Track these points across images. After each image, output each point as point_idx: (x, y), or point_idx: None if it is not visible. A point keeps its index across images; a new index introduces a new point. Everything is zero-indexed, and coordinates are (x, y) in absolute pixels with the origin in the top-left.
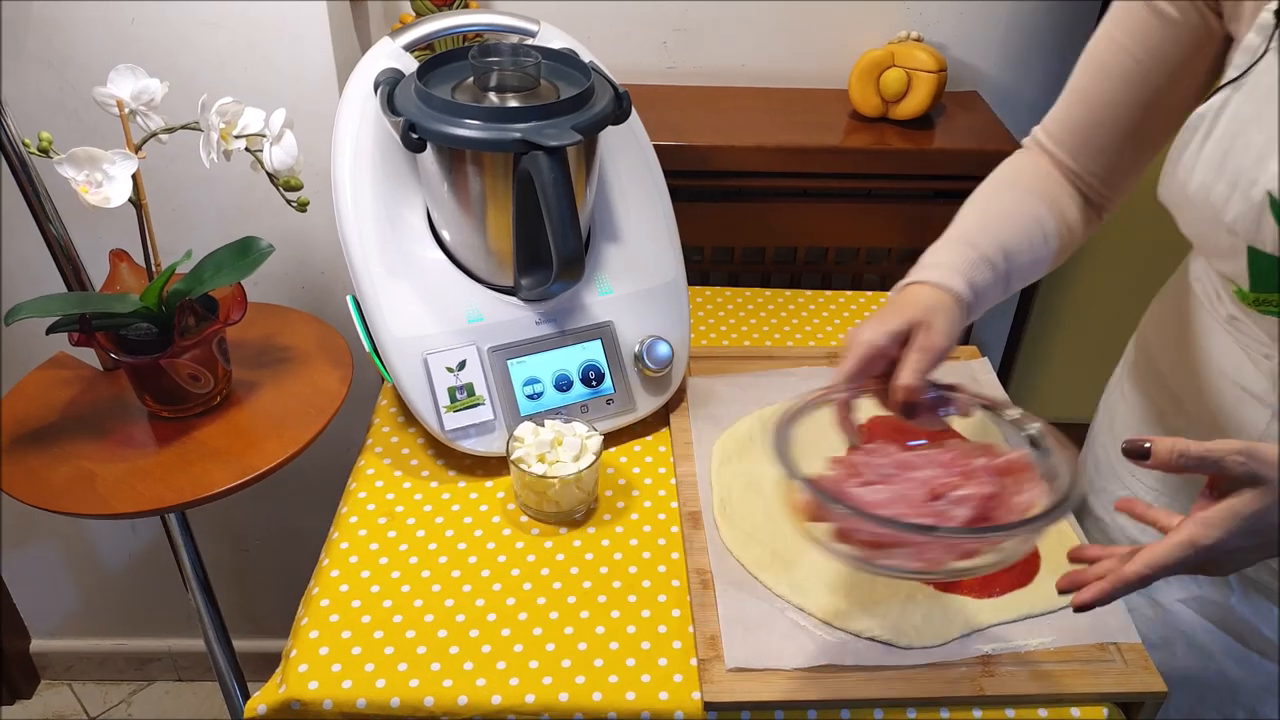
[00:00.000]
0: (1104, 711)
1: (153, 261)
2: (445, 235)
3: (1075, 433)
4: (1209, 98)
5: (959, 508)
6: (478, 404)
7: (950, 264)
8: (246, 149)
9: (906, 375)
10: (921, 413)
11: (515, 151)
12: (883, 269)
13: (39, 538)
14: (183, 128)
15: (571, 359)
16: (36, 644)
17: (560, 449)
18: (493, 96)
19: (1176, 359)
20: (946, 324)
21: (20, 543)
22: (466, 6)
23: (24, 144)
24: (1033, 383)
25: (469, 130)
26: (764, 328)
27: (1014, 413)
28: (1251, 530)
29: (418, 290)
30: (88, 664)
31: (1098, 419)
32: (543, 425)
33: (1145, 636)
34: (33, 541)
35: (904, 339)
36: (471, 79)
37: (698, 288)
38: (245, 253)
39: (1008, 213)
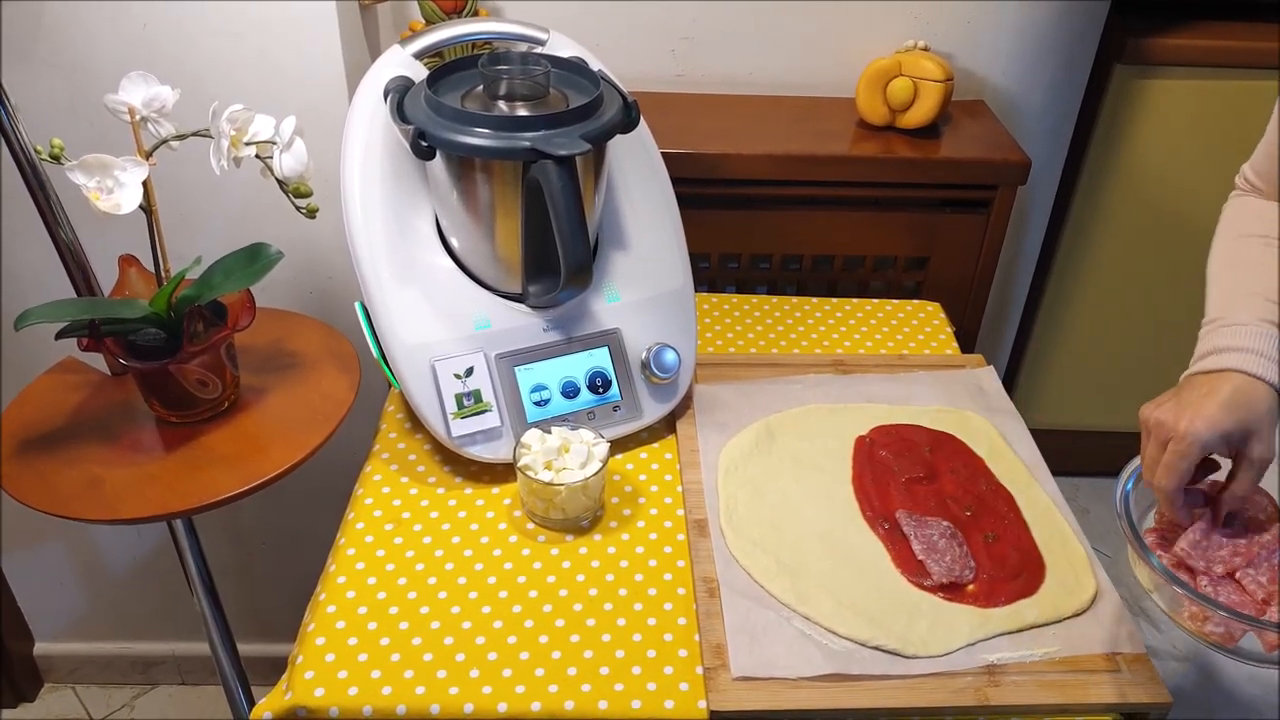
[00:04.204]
0: None
1: (162, 267)
2: (454, 242)
3: (1080, 439)
4: None
5: None
6: (485, 410)
7: (1272, 354)
8: (256, 156)
9: (1241, 491)
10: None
11: (524, 160)
12: (889, 277)
13: (43, 540)
14: (193, 135)
15: (579, 366)
16: (40, 646)
17: (567, 456)
18: (502, 105)
19: None
20: (1276, 433)
21: (24, 545)
22: (476, 15)
23: (35, 150)
24: (1036, 391)
25: (478, 139)
26: (770, 335)
27: None
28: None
29: (426, 297)
30: (91, 667)
31: None
32: (550, 432)
33: (1152, 649)
34: (37, 544)
35: (1236, 440)
36: (481, 87)
37: (705, 295)
38: (254, 259)
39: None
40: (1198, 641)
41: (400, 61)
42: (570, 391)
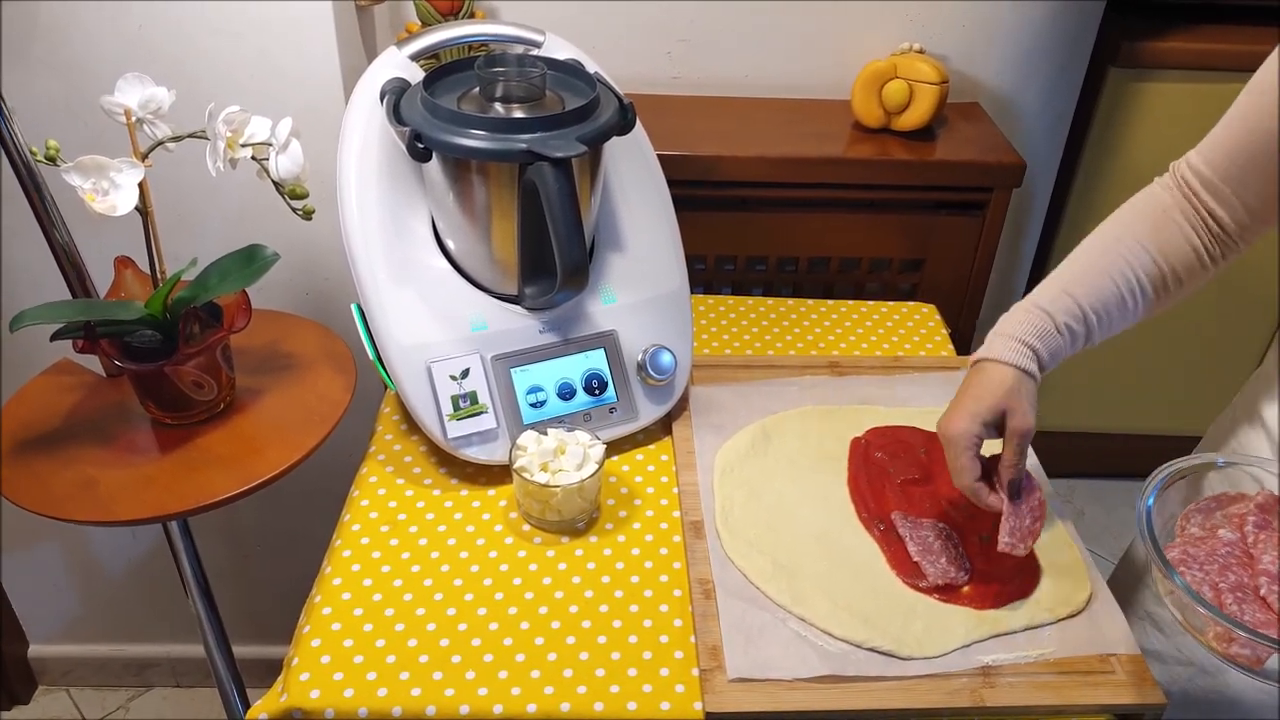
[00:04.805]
0: None
1: (158, 269)
2: (450, 244)
3: (1075, 441)
4: None
5: None
6: (481, 412)
7: (1024, 336)
8: (253, 157)
9: (1012, 461)
10: (1023, 488)
11: (521, 162)
12: (885, 278)
13: (38, 542)
14: (189, 136)
15: (575, 367)
16: (35, 649)
17: (563, 458)
18: (498, 107)
19: None
20: (1030, 403)
21: (19, 547)
22: (472, 17)
23: (31, 151)
24: None
25: (474, 141)
26: (766, 337)
27: None
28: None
29: (422, 298)
30: (86, 669)
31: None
32: (546, 434)
33: (1147, 650)
34: (32, 546)
35: (995, 423)
36: (477, 89)
37: (701, 296)
38: (250, 260)
39: (1100, 269)
40: (1224, 663)
41: (397, 63)
42: (566, 393)
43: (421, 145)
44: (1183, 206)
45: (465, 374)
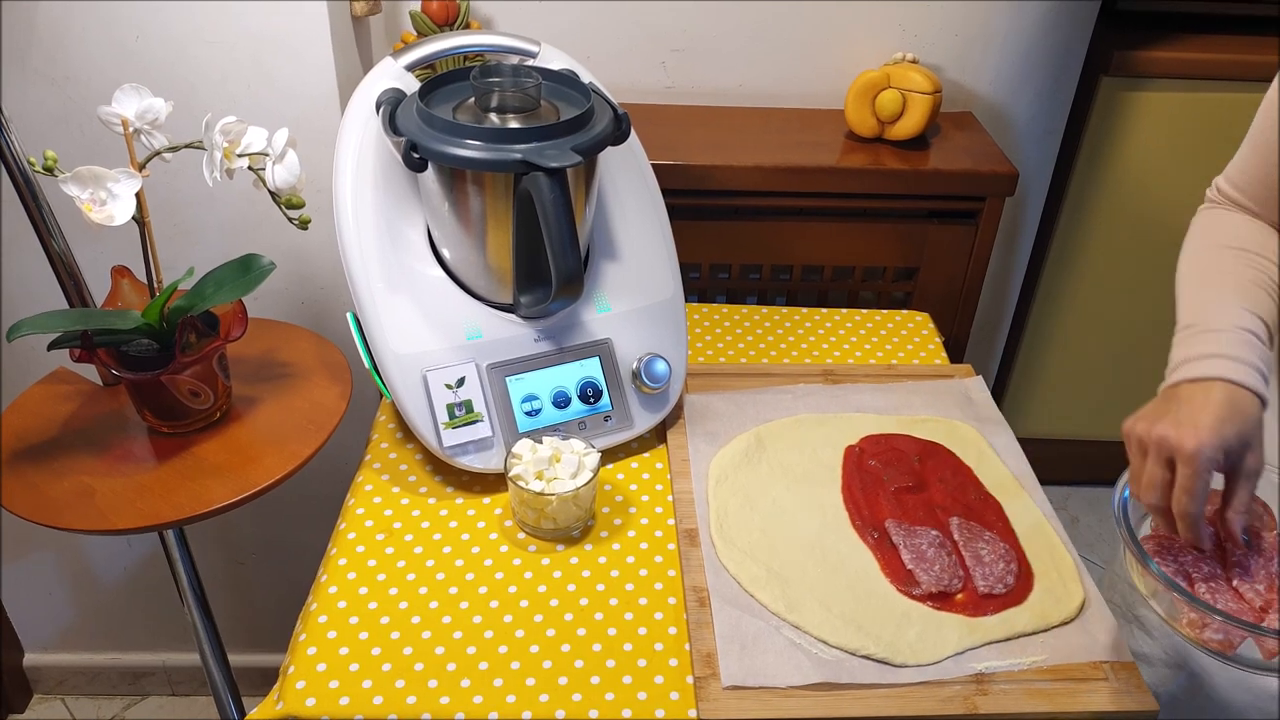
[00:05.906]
0: None
1: (155, 278)
2: (445, 253)
3: (1069, 448)
4: None
5: None
6: (476, 421)
7: (1257, 363)
8: (249, 168)
9: (1245, 502)
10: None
11: (516, 172)
12: (878, 287)
13: (32, 550)
14: (186, 146)
15: (570, 376)
16: (30, 658)
17: (558, 466)
18: (494, 117)
19: None
20: (1263, 442)
21: (14, 556)
22: (468, 27)
23: (29, 162)
24: (1026, 401)
25: (470, 151)
26: (761, 345)
27: None
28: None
29: (417, 307)
30: (81, 678)
31: None
32: (541, 442)
33: (1136, 653)
34: (27, 554)
35: (1233, 453)
36: (473, 99)
37: (695, 305)
38: (246, 270)
39: (1245, 282)
40: (1196, 648)
41: (392, 74)
42: (561, 401)
43: (417, 155)
44: (1251, 219)
45: (460, 382)
